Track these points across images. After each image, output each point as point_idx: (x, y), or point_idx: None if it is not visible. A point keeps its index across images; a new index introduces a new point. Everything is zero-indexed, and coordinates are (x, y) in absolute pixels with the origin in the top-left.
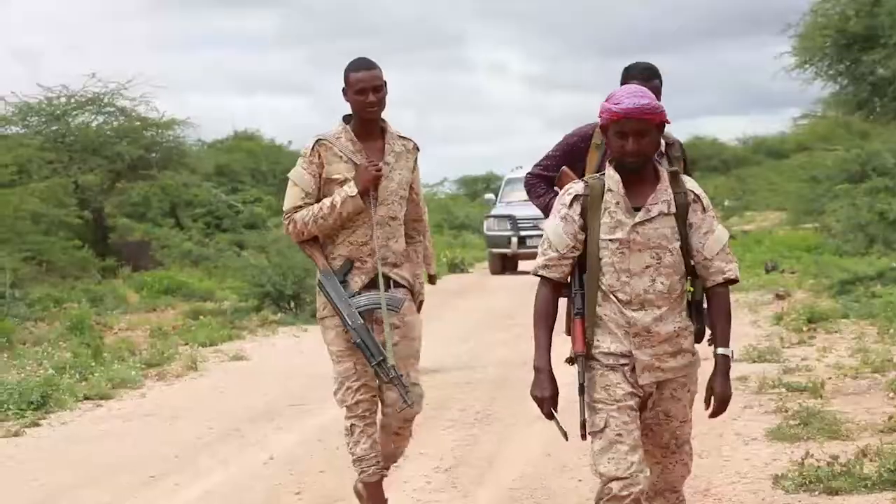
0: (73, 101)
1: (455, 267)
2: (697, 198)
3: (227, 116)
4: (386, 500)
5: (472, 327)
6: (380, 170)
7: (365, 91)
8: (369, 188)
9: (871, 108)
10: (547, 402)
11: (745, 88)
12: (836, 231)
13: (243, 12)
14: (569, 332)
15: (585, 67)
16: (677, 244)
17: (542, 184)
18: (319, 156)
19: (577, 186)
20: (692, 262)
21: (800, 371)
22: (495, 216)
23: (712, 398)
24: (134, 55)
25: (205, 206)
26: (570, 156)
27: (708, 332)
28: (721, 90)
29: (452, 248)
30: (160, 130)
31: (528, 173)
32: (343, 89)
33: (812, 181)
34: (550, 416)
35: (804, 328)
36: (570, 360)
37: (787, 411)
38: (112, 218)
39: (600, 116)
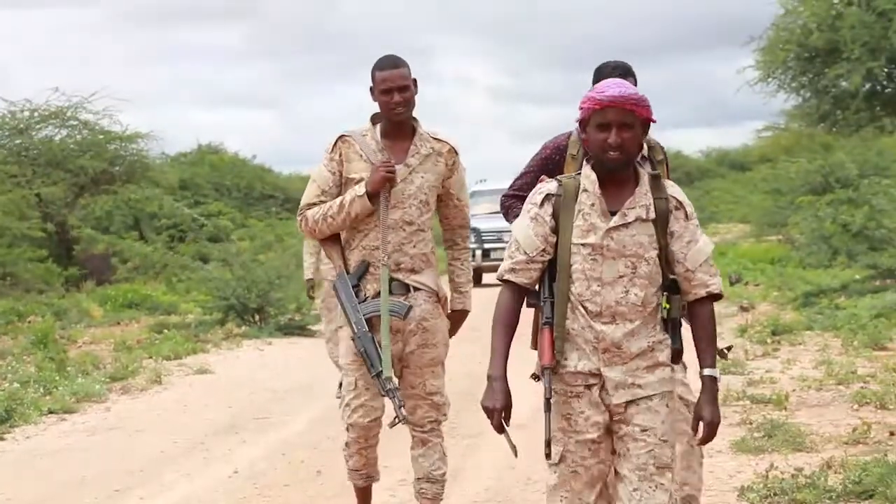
0: (36, 114)
1: None
2: (680, 204)
3: (192, 130)
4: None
5: None
6: (392, 171)
7: (391, 91)
8: (379, 190)
9: (833, 121)
10: (498, 413)
11: (709, 101)
12: (800, 243)
13: (209, 26)
14: (535, 345)
15: (552, 80)
16: (654, 253)
17: (519, 203)
18: (340, 153)
19: (549, 185)
20: (672, 275)
21: (764, 383)
22: None
23: (700, 423)
24: (99, 69)
25: (170, 218)
26: (546, 169)
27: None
28: (685, 103)
29: None
30: (123, 144)
31: (503, 195)
32: (370, 88)
33: (775, 193)
34: (501, 430)
35: (768, 340)
36: (536, 377)
37: (751, 423)
38: (76, 229)
39: (581, 108)
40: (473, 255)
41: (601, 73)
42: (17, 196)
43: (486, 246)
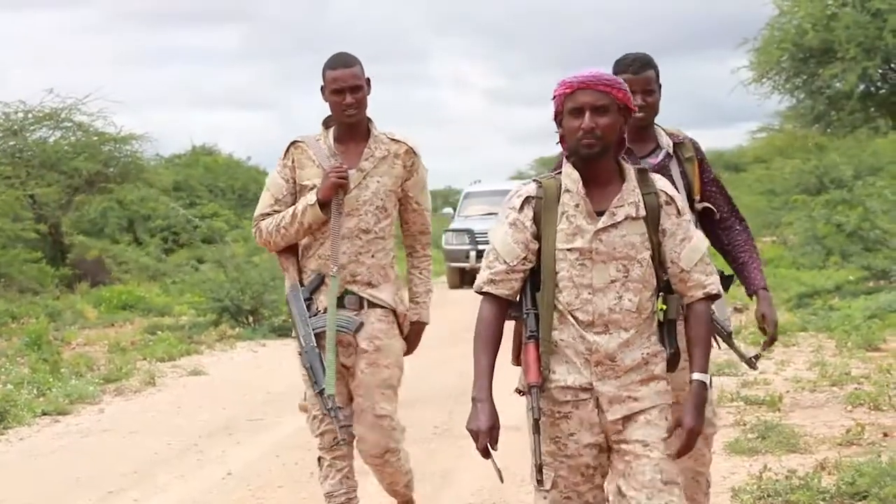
0: (30, 116)
1: None
2: (670, 199)
3: (186, 131)
4: None
5: (430, 341)
6: (343, 177)
7: (342, 91)
8: (331, 197)
9: (827, 122)
10: (483, 436)
11: (703, 102)
12: (794, 244)
13: (204, 28)
14: (517, 360)
15: (547, 81)
16: (647, 254)
17: None
18: (293, 159)
19: (528, 187)
20: (665, 276)
21: (758, 384)
22: (453, 230)
23: (682, 424)
24: (94, 70)
25: (164, 220)
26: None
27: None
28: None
29: None
30: (118, 145)
31: None
32: (321, 88)
33: (769, 194)
34: (486, 454)
35: (762, 341)
36: (520, 392)
37: (745, 425)
38: (69, 236)
39: (554, 97)
40: (467, 256)
41: (619, 66)
42: (10, 197)
43: (480, 247)
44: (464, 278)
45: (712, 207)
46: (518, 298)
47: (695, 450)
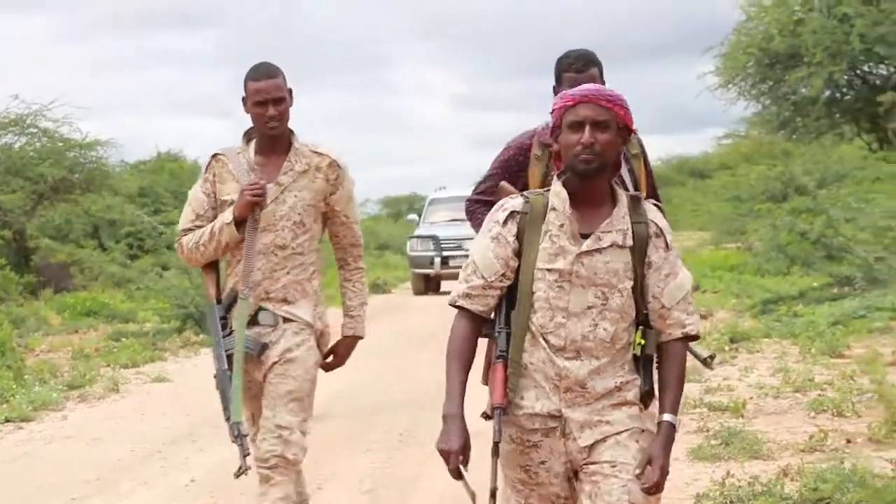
0: None
1: (377, 287)
2: (660, 231)
3: (152, 138)
4: None
5: (395, 348)
6: (258, 194)
7: (265, 103)
8: (246, 215)
9: (793, 128)
10: (455, 455)
11: (669, 108)
12: (759, 251)
13: (170, 34)
14: (487, 380)
15: (510, 88)
16: (629, 284)
17: (483, 208)
18: (214, 173)
19: (514, 202)
20: (645, 310)
21: (721, 390)
22: (418, 237)
23: (647, 468)
24: (59, 77)
25: (130, 226)
26: (509, 171)
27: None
28: (645, 110)
29: (375, 268)
30: (83, 151)
31: (467, 199)
32: (242, 99)
33: (735, 200)
34: (458, 474)
35: (726, 348)
36: (487, 416)
37: (708, 431)
38: (34, 239)
39: (553, 111)
40: (431, 263)
41: (561, 65)
42: None
43: (445, 254)
44: (428, 284)
45: (661, 206)
46: (492, 315)
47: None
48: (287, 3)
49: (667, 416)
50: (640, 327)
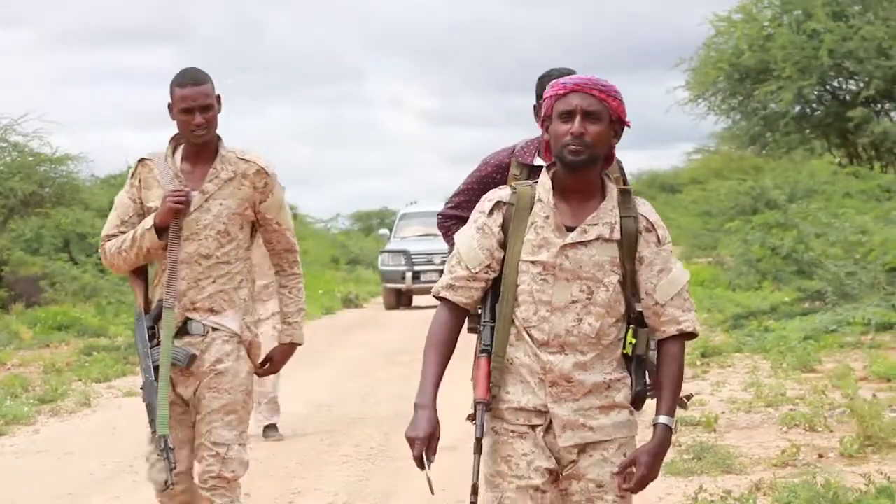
0: None
1: (349, 302)
2: (651, 226)
3: (122, 152)
4: None
5: (366, 362)
6: (180, 201)
7: (192, 111)
8: (168, 222)
9: (763, 143)
10: (420, 443)
11: (639, 123)
12: (729, 266)
13: (139, 48)
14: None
15: (482, 102)
16: (616, 279)
17: (456, 223)
18: (140, 179)
19: (501, 192)
20: (638, 307)
21: (693, 405)
22: (390, 251)
23: (633, 468)
24: (29, 91)
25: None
26: (485, 189)
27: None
28: None
29: (346, 282)
30: (53, 166)
31: (440, 213)
32: (168, 105)
33: (705, 215)
34: (421, 463)
35: (698, 362)
36: (472, 417)
37: (680, 445)
38: (6, 252)
39: (544, 100)
40: (403, 277)
41: (543, 83)
42: None
43: (416, 268)
44: (400, 299)
45: None
46: (477, 309)
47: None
48: (256, 16)
49: (662, 419)
50: (632, 326)
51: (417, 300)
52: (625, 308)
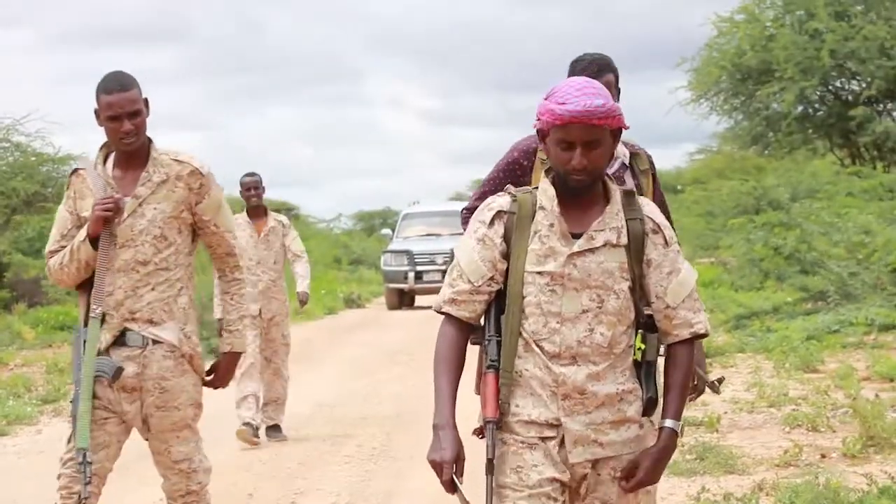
0: None
1: (351, 302)
2: (658, 227)
3: None
4: None
5: (369, 362)
6: (109, 209)
7: (119, 118)
8: (99, 231)
9: (765, 143)
10: (448, 467)
11: (641, 123)
12: (732, 266)
13: (140, 48)
14: (479, 390)
15: (483, 102)
16: (626, 285)
17: None
18: (74, 190)
19: (501, 200)
20: (647, 311)
21: (696, 405)
22: (392, 251)
23: (637, 470)
24: (31, 91)
25: None
26: (513, 175)
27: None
28: None
29: (349, 282)
30: (56, 166)
31: (465, 208)
32: (95, 111)
33: (707, 216)
34: (452, 487)
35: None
36: (479, 431)
37: (682, 446)
38: (7, 255)
39: (539, 118)
40: (405, 277)
41: (574, 69)
42: None
43: (419, 268)
44: (402, 299)
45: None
46: (481, 322)
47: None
48: (257, 16)
49: (668, 422)
50: (640, 331)
51: (420, 300)
52: (634, 314)
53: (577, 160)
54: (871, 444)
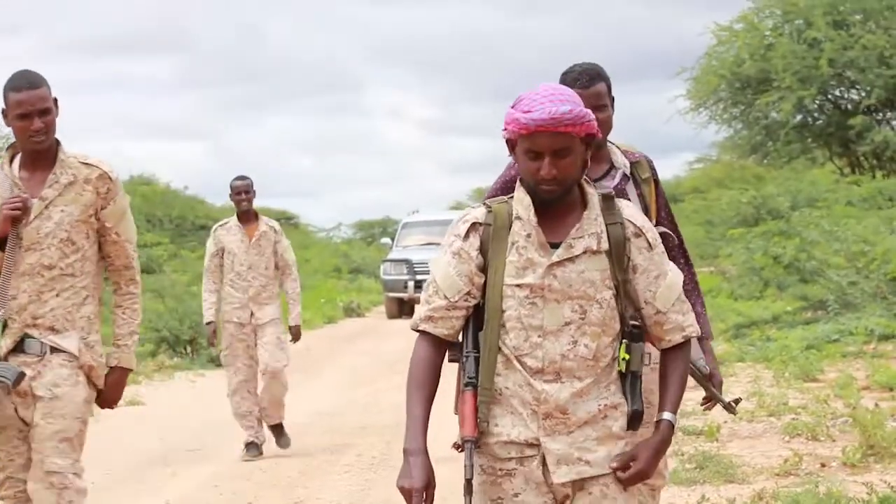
0: None
1: (351, 311)
2: (639, 230)
3: (124, 161)
4: None
5: (369, 372)
6: (17, 208)
7: (29, 115)
8: (6, 230)
9: (764, 152)
10: (417, 494)
11: (640, 132)
12: (732, 275)
13: (141, 57)
14: (458, 409)
15: (482, 112)
16: (609, 294)
17: None
18: None
19: (476, 212)
20: (633, 320)
21: (696, 415)
22: (392, 260)
23: (635, 462)
24: None
25: None
26: (510, 191)
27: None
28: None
29: (349, 292)
30: None
31: None
32: (1, 111)
33: (707, 225)
34: None
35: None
36: (458, 447)
37: (683, 455)
38: None
39: (506, 128)
40: (405, 286)
41: (565, 80)
42: None
43: (419, 277)
44: (402, 308)
45: (671, 234)
46: (459, 339)
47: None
48: (257, 26)
49: (666, 415)
50: (625, 341)
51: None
52: (619, 323)
53: (546, 170)
54: (870, 454)
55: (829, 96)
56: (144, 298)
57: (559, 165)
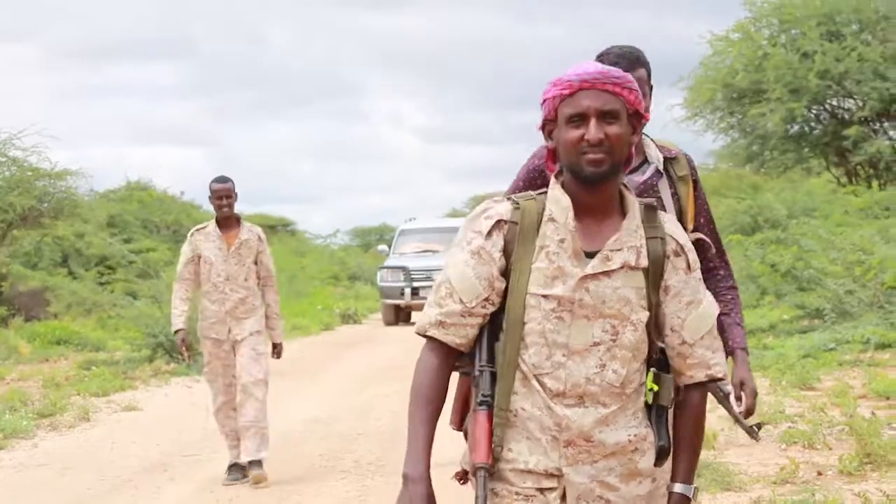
0: None
1: (347, 318)
2: (680, 249)
3: (121, 167)
4: None
5: (365, 378)
6: None
7: None
8: None
9: (761, 161)
10: None
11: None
12: None
13: (139, 63)
14: (459, 425)
15: (483, 119)
16: (645, 315)
17: None
18: None
19: (500, 207)
20: (661, 346)
21: None
22: (388, 267)
23: None
24: (29, 105)
25: (98, 251)
26: (533, 186)
27: None
28: None
29: (345, 298)
30: (52, 181)
31: None
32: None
33: None
34: None
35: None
36: (463, 476)
37: None
38: (5, 266)
39: (544, 101)
40: (402, 293)
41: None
42: None
43: (415, 284)
44: (398, 315)
45: (707, 241)
46: (471, 349)
47: None
48: (258, 33)
49: (678, 487)
50: (652, 369)
51: (416, 316)
52: (648, 349)
53: (593, 133)
54: (867, 462)
55: (826, 106)
56: (141, 304)
57: (608, 131)
